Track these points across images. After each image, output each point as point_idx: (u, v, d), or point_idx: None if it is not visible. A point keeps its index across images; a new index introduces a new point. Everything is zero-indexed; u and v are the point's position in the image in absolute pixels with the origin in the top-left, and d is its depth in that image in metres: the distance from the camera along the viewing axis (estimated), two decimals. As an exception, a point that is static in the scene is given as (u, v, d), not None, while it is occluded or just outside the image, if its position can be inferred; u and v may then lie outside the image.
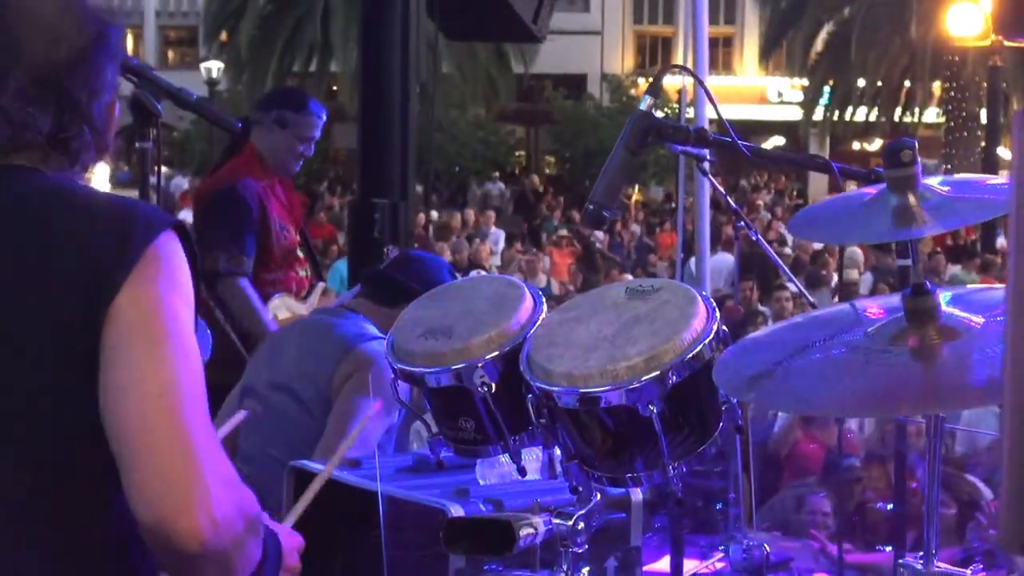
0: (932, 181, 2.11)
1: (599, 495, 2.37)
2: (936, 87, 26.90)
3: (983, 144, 22.66)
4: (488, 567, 2.44)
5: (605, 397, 2.24)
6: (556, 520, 2.28)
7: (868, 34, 26.48)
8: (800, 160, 3.00)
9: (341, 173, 29.23)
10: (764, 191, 27.22)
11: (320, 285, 4.91)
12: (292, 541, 1.85)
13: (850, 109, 28.43)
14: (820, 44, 28.48)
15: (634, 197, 25.83)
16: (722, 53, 35.70)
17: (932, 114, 27.70)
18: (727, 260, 12.50)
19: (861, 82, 27.65)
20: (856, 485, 5.38)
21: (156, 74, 2.82)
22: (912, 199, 2.01)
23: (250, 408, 3.62)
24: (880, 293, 9.91)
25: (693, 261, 6.83)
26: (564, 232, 17.73)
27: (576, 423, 2.33)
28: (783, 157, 3.42)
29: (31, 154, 1.69)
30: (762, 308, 10.62)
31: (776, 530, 4.41)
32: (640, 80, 31.36)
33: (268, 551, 1.71)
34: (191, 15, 36.55)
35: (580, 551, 2.31)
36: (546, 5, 5.68)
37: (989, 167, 19.23)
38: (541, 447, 2.63)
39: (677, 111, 6.42)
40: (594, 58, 35.73)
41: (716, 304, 2.38)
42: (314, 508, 2.84)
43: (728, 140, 2.36)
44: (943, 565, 2.06)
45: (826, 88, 28.69)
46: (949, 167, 23.96)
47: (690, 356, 2.25)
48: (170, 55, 39.56)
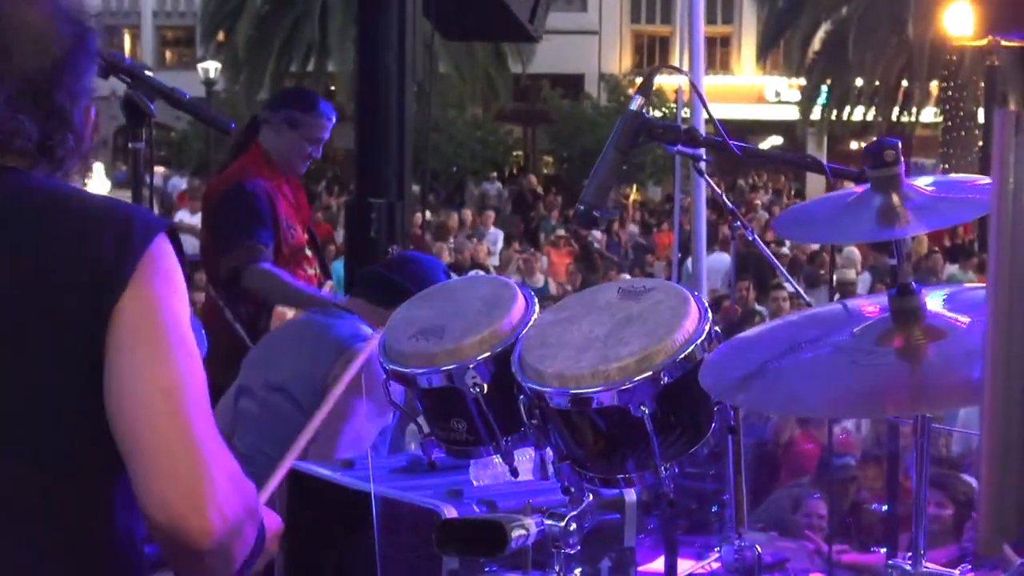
0: (920, 181, 2.11)
1: (591, 496, 2.37)
2: (934, 87, 26.89)
3: (981, 143, 22.68)
4: (482, 568, 2.44)
5: (597, 398, 2.24)
6: (548, 521, 2.27)
7: (866, 34, 26.47)
8: (791, 159, 3.00)
9: (339, 173, 29.19)
10: (762, 191, 27.20)
11: (329, 284, 4.91)
12: (273, 524, 1.88)
13: (848, 109, 28.40)
14: (818, 44, 28.46)
15: (632, 197, 25.83)
16: (720, 53, 35.70)
17: (930, 114, 27.69)
18: (724, 260, 12.50)
19: (859, 82, 27.63)
20: (851, 484, 5.38)
21: (149, 74, 2.82)
22: (896, 199, 2.01)
23: (246, 408, 3.62)
24: (878, 292, 9.90)
25: (691, 261, 6.83)
26: (562, 232, 17.70)
27: (568, 424, 2.32)
28: (774, 156, 3.43)
29: (19, 160, 1.70)
30: (759, 308, 10.62)
31: (773, 530, 4.41)
32: (638, 80, 31.30)
33: (257, 536, 1.74)
34: (188, 15, 36.53)
35: (572, 552, 2.30)
36: (542, 5, 5.66)
37: (987, 167, 19.12)
38: (533, 448, 2.63)
39: (674, 110, 6.41)
40: (592, 58, 35.71)
41: (713, 304, 2.38)
42: (308, 508, 2.86)
43: (719, 140, 2.36)
44: (931, 566, 2.07)
45: (824, 88, 28.66)
46: (947, 166, 23.96)
47: (682, 357, 2.25)
48: (167, 55, 39.55)
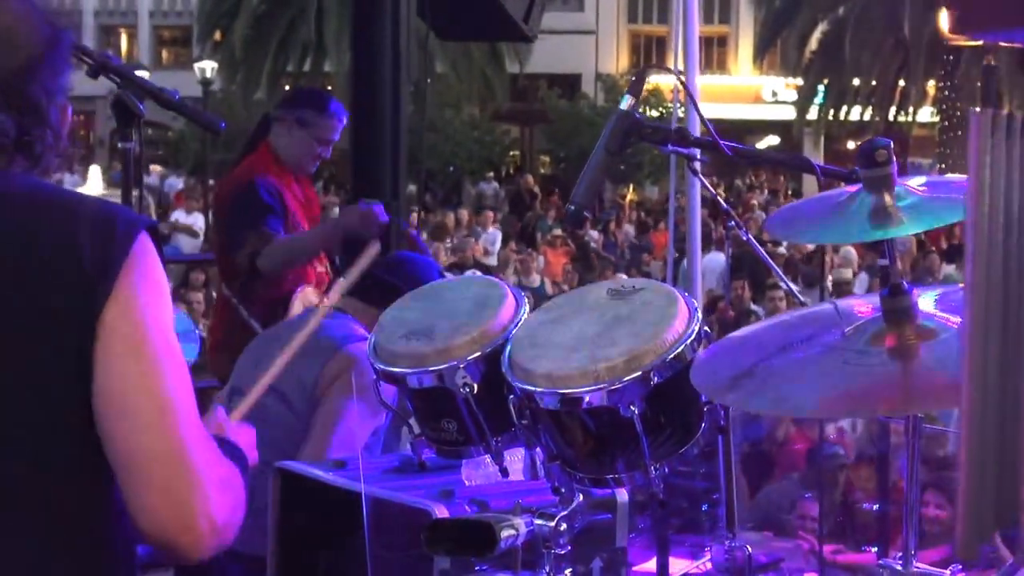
0: (912, 181, 2.11)
1: (582, 496, 2.36)
2: (930, 86, 26.92)
3: (978, 143, 22.63)
4: (473, 568, 2.43)
5: (586, 398, 2.23)
6: (538, 521, 2.27)
7: (862, 33, 26.50)
8: (782, 160, 2.99)
9: (336, 173, 29.21)
10: (758, 191, 27.20)
11: (340, 281, 4.89)
12: (248, 439, 1.91)
13: (844, 108, 28.44)
14: (814, 43, 28.49)
15: (629, 197, 25.84)
16: (717, 52, 35.73)
17: (927, 113, 27.72)
18: (720, 260, 12.51)
19: (856, 81, 27.67)
20: (840, 473, 5.36)
21: (140, 74, 2.82)
22: (888, 199, 2.01)
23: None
24: (876, 292, 9.88)
25: (686, 261, 6.82)
26: (558, 232, 17.68)
27: (558, 424, 2.32)
28: (764, 157, 3.41)
29: None
30: (755, 308, 10.61)
31: (768, 530, 4.41)
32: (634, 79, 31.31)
33: (240, 470, 1.77)
34: (185, 15, 36.52)
35: (562, 552, 2.30)
36: (537, 5, 5.65)
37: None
38: (524, 448, 2.62)
39: (671, 110, 6.41)
40: (588, 58, 35.72)
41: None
42: (299, 509, 2.86)
43: (710, 140, 2.35)
44: (921, 565, 2.07)
45: (820, 87, 28.69)
46: (944, 166, 23.99)
47: (671, 357, 2.24)
48: (164, 55, 39.58)
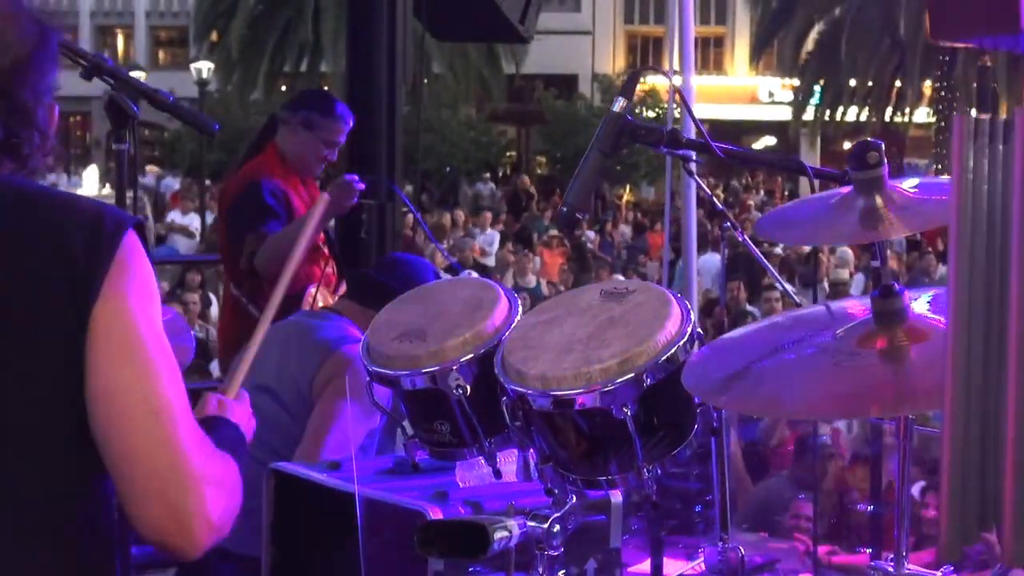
0: (904, 183, 2.11)
1: (575, 497, 2.36)
2: (927, 87, 26.93)
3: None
4: (467, 569, 2.43)
5: (579, 400, 2.23)
6: (532, 523, 2.26)
7: (858, 34, 26.51)
8: (775, 161, 2.99)
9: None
10: (754, 191, 27.19)
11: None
12: (244, 411, 1.93)
13: (841, 109, 28.45)
14: (811, 44, 28.51)
15: (625, 197, 25.83)
16: (713, 53, 35.75)
17: (923, 114, 27.73)
18: (716, 260, 12.48)
19: (852, 82, 27.68)
20: (829, 462, 5.35)
21: (134, 75, 2.81)
22: (879, 201, 2.01)
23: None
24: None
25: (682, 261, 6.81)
26: (555, 232, 17.66)
27: (550, 425, 2.32)
28: (757, 158, 3.42)
29: None
30: (751, 308, 10.61)
31: (763, 531, 4.41)
32: (631, 80, 31.32)
33: (238, 454, 1.78)
34: (181, 15, 36.52)
35: (556, 554, 2.30)
36: (533, 5, 5.65)
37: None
38: (517, 450, 2.62)
39: (668, 111, 6.41)
40: (585, 58, 35.73)
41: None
42: (294, 510, 2.85)
43: (702, 141, 2.35)
44: (913, 567, 2.06)
45: (817, 88, 28.71)
46: (940, 167, 24.00)
47: (664, 358, 2.24)
48: (160, 55, 39.56)
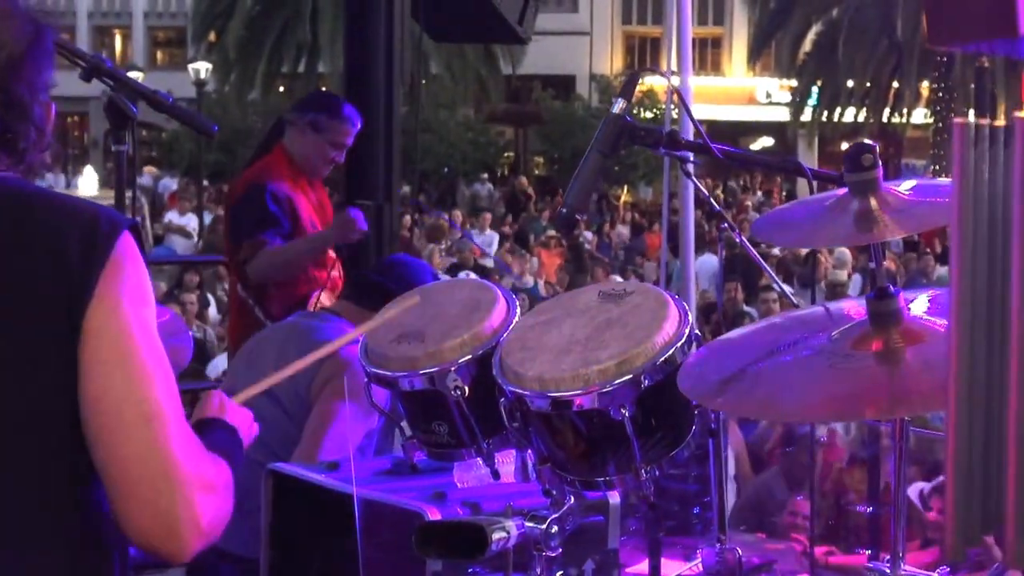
0: (899, 185, 2.11)
1: (573, 498, 2.37)
2: (924, 88, 26.94)
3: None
4: (465, 570, 2.43)
5: (577, 401, 2.24)
6: (529, 523, 2.26)
7: (856, 35, 26.53)
8: (772, 163, 3.01)
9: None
10: (753, 192, 27.19)
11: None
12: (246, 419, 1.92)
13: (838, 110, 28.46)
14: (808, 45, 28.51)
15: (623, 198, 25.83)
16: (711, 54, 35.74)
17: (920, 115, 27.73)
18: (714, 261, 12.49)
19: (849, 83, 27.69)
20: (817, 447, 5.34)
21: (132, 75, 2.82)
22: (874, 203, 2.01)
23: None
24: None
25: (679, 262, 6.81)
26: (552, 233, 17.65)
27: (548, 427, 2.32)
28: (755, 160, 3.43)
29: None
30: (748, 309, 10.60)
31: (761, 532, 4.41)
32: (629, 81, 31.33)
33: (233, 458, 1.78)
34: (179, 16, 36.52)
35: (554, 555, 2.30)
36: (531, 6, 5.65)
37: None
38: (515, 450, 2.62)
39: (666, 111, 6.40)
40: (583, 59, 35.72)
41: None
42: (292, 511, 2.86)
43: (700, 143, 2.36)
44: (909, 568, 2.07)
45: (814, 89, 28.71)
46: (937, 168, 23.99)
47: (662, 360, 2.24)
48: (158, 56, 39.54)
